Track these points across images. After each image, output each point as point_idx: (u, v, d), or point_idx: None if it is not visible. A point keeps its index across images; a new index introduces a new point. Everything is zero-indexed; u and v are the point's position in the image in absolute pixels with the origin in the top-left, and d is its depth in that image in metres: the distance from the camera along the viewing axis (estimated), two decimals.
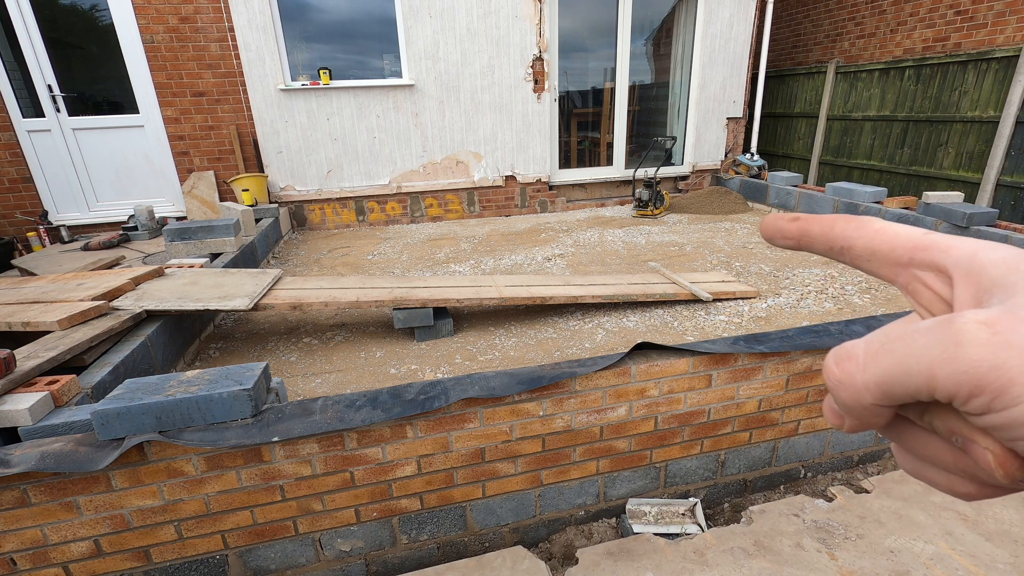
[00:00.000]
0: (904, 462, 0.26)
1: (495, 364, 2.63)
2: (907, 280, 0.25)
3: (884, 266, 0.26)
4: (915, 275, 0.25)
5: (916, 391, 0.20)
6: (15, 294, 2.50)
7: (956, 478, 0.24)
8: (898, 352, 0.21)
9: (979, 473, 0.22)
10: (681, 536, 1.82)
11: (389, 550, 1.82)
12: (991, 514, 1.84)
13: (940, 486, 0.25)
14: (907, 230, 0.26)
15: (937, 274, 0.24)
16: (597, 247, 4.55)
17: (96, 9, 4.89)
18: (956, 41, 5.91)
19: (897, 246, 0.25)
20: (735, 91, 6.23)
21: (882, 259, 0.26)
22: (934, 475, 0.25)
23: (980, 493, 0.23)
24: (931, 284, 0.24)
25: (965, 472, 0.23)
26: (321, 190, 5.43)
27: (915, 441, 0.24)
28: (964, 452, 0.22)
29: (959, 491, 0.24)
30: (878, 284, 3.42)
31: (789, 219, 0.29)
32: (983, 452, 0.21)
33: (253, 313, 3.35)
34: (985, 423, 0.20)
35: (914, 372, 0.20)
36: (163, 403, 1.48)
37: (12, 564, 1.54)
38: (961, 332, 0.19)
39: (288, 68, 5.09)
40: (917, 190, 6.16)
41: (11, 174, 5.06)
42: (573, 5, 5.63)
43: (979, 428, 0.21)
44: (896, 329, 0.22)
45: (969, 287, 0.23)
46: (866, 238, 0.26)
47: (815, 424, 2.13)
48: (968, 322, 0.19)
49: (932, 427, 0.23)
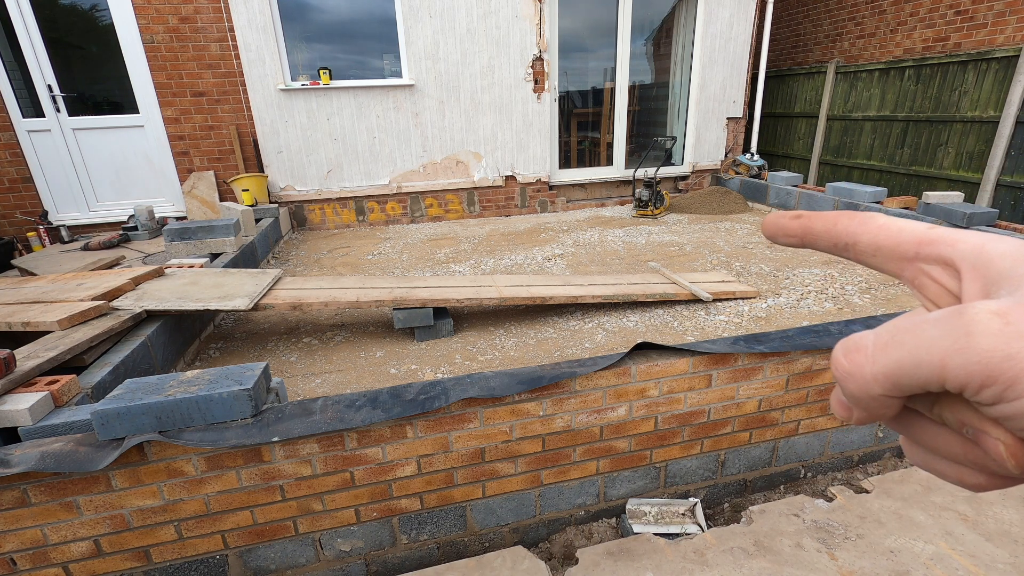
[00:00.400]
0: (913, 454, 0.26)
1: (495, 364, 2.63)
2: (913, 274, 0.25)
3: (889, 261, 0.26)
4: (921, 269, 0.25)
5: (926, 382, 0.20)
6: (15, 294, 2.50)
7: (966, 469, 0.24)
8: (908, 343, 0.21)
9: (990, 464, 0.22)
10: (681, 536, 1.82)
11: (389, 550, 1.82)
12: (991, 514, 1.84)
13: (950, 478, 0.25)
14: (911, 225, 0.26)
15: (944, 268, 0.24)
16: (597, 247, 4.55)
17: (96, 9, 4.89)
18: (956, 41, 5.91)
19: (902, 241, 0.25)
20: (735, 91, 6.23)
21: (887, 254, 0.26)
22: (944, 467, 0.25)
23: (990, 484, 0.23)
24: (937, 278, 0.24)
25: (976, 463, 0.23)
26: (321, 190, 5.43)
27: (924, 433, 0.24)
28: (975, 443, 0.22)
29: (969, 482, 0.24)
30: (878, 284, 3.42)
31: (791, 217, 0.29)
32: (994, 443, 0.21)
33: (253, 313, 3.35)
34: (996, 413, 0.20)
35: (925, 362, 0.20)
36: (163, 403, 1.48)
37: (12, 564, 1.54)
38: (973, 322, 0.19)
39: (288, 68, 5.09)
40: (917, 190, 6.16)
41: (11, 174, 5.06)
42: (573, 5, 5.63)
43: (990, 418, 0.21)
44: (905, 321, 0.22)
45: (977, 280, 0.23)
46: (870, 234, 0.26)
47: (815, 424, 2.13)
48: (980, 312, 0.19)
49: (942, 419, 0.23)
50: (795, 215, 0.29)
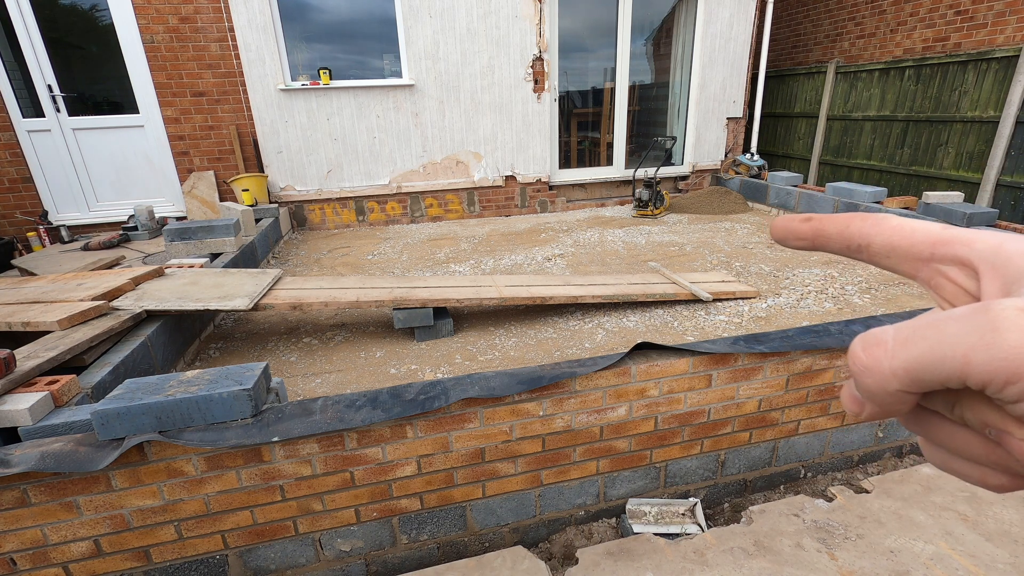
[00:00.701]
0: (932, 455, 0.26)
1: (495, 364, 2.63)
2: (929, 275, 0.25)
3: (904, 262, 0.26)
4: (937, 269, 0.25)
5: (947, 378, 0.20)
6: (15, 294, 2.50)
7: (988, 470, 0.24)
8: (930, 338, 0.21)
9: (1013, 464, 0.22)
10: (681, 536, 1.82)
11: (389, 550, 1.82)
12: (991, 514, 1.84)
13: (971, 478, 0.25)
14: (926, 225, 0.26)
15: (960, 268, 0.24)
16: (597, 247, 4.55)
17: (96, 9, 4.89)
18: (956, 41, 5.91)
19: (917, 241, 0.25)
20: (735, 91, 6.23)
21: (902, 255, 0.26)
22: (964, 467, 0.25)
23: (1013, 484, 0.23)
24: (954, 278, 0.25)
25: (998, 464, 0.23)
26: (321, 190, 5.43)
27: (943, 434, 0.24)
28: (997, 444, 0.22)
29: (991, 483, 0.24)
30: (878, 284, 3.42)
31: (801, 220, 0.29)
32: (1018, 443, 0.21)
33: (253, 313, 3.35)
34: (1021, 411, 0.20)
35: (947, 357, 0.20)
36: (163, 403, 1.48)
37: (12, 564, 1.54)
38: (999, 318, 0.19)
39: (288, 68, 5.09)
40: (917, 190, 6.16)
41: (11, 174, 5.06)
42: (573, 5, 5.63)
43: (1014, 418, 0.21)
44: (926, 318, 0.22)
45: (996, 279, 0.23)
46: (884, 235, 0.26)
47: (815, 424, 2.13)
48: (1006, 308, 0.19)
49: (963, 420, 0.23)
50: (805, 218, 0.29)
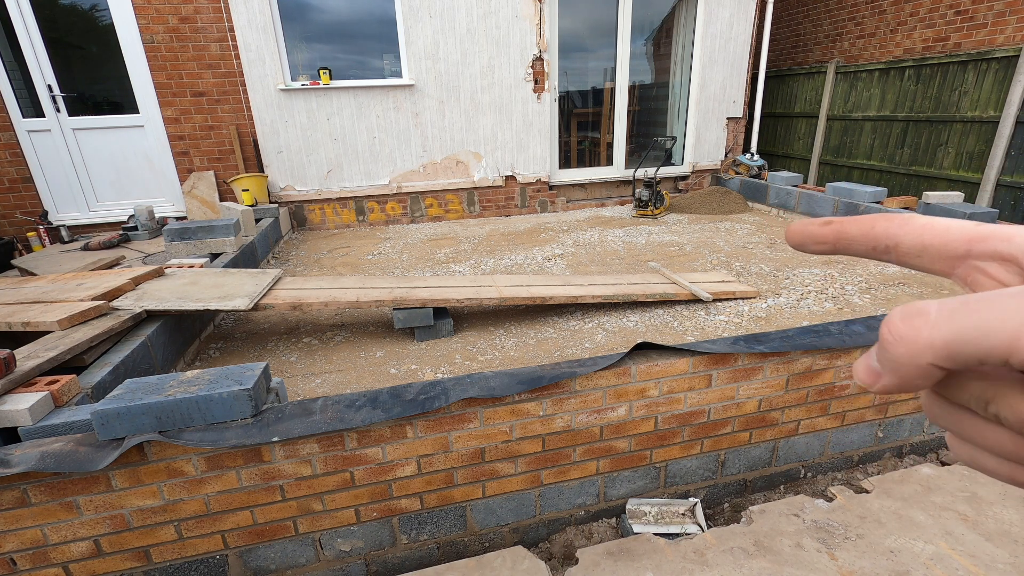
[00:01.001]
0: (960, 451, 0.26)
1: (495, 364, 2.63)
2: (966, 272, 0.25)
3: (937, 260, 0.26)
4: (975, 266, 0.25)
5: (988, 354, 0.20)
6: (15, 294, 2.50)
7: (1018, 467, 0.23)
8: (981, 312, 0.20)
9: None
10: (681, 536, 1.82)
11: (389, 550, 1.82)
12: (991, 514, 1.84)
13: (1001, 475, 0.24)
14: (958, 223, 0.26)
15: (1001, 263, 0.24)
16: (597, 247, 4.55)
17: (96, 9, 4.89)
18: (956, 41, 5.91)
19: (950, 240, 0.25)
20: (735, 91, 6.23)
21: (934, 254, 0.26)
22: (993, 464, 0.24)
23: None
24: (994, 274, 0.24)
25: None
26: (321, 190, 5.43)
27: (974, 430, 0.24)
28: None
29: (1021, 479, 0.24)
30: (878, 284, 3.42)
31: (821, 223, 0.29)
32: None
33: (253, 313, 3.35)
34: None
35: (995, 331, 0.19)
36: (163, 403, 1.48)
37: (12, 564, 1.54)
38: None
39: (288, 68, 5.09)
40: (917, 190, 6.16)
41: (11, 174, 5.06)
42: (573, 5, 5.63)
43: None
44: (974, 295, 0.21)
45: None
46: (914, 234, 0.26)
47: (815, 424, 2.14)
48: None
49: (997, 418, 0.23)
50: (824, 221, 0.29)
